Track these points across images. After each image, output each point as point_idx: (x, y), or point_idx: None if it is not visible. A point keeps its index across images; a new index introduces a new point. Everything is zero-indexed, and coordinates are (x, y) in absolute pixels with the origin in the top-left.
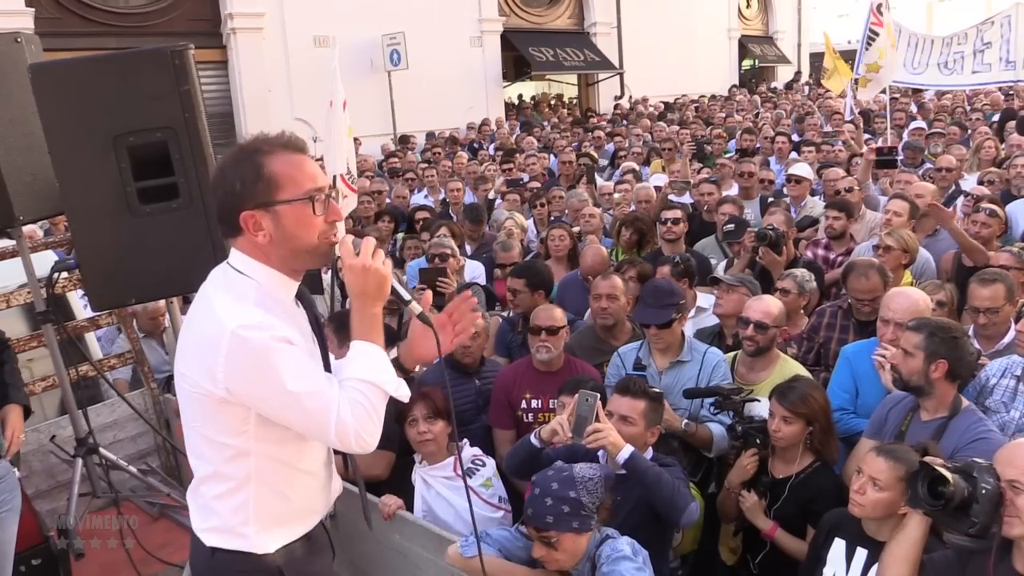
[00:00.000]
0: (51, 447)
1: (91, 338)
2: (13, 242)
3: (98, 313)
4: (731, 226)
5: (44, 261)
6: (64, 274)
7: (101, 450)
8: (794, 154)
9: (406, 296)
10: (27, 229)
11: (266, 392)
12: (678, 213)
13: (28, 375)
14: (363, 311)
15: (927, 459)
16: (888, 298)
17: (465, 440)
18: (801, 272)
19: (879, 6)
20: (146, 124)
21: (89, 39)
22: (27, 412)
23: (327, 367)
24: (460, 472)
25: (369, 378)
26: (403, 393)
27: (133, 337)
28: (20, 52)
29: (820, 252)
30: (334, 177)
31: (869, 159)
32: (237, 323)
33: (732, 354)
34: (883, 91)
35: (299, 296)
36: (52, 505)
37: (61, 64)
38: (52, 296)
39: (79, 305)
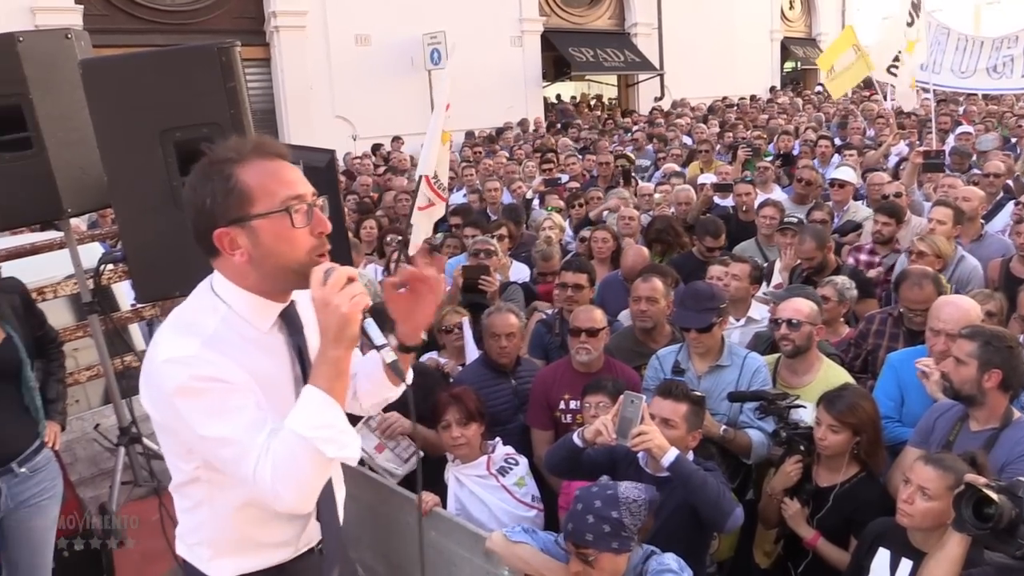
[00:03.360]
0: (95, 435)
1: (135, 329)
2: (61, 234)
3: (141, 305)
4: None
5: (91, 253)
6: (110, 266)
7: (144, 440)
8: (836, 158)
9: (378, 341)
10: (73, 222)
11: (182, 430)
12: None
13: (73, 364)
14: (323, 352)
15: (970, 479)
16: (937, 308)
17: (498, 439)
18: (841, 279)
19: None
20: (192, 120)
21: (136, 36)
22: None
23: None
24: (493, 471)
25: (302, 432)
26: (350, 456)
27: None
28: (70, 48)
29: (863, 257)
30: (420, 178)
31: (916, 162)
32: (164, 356)
33: (774, 356)
34: (927, 93)
35: (288, 320)
36: (95, 492)
37: (111, 60)
38: (99, 287)
39: (124, 296)
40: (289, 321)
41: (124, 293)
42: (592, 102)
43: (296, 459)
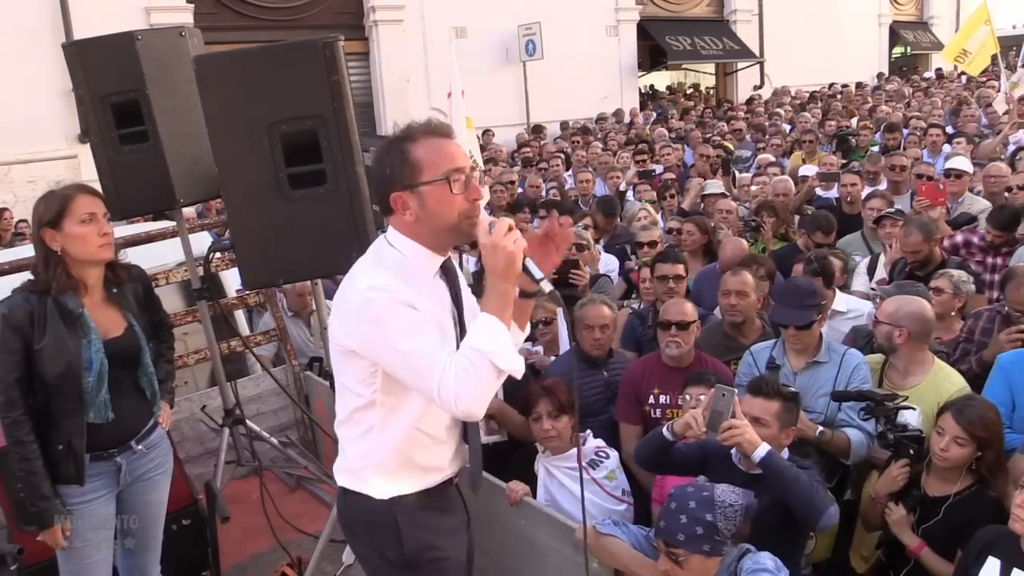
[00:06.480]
0: (201, 416)
1: (239, 315)
2: (173, 223)
3: (246, 292)
4: None
5: (201, 242)
6: (218, 254)
7: (247, 421)
8: (947, 147)
9: (536, 274)
10: (184, 211)
11: (380, 347)
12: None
13: (182, 348)
14: (492, 287)
15: None
16: None
17: (588, 431)
18: (958, 272)
19: None
20: (298, 112)
21: (241, 32)
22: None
23: (463, 336)
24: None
25: (480, 347)
26: (516, 368)
27: (278, 316)
28: (184, 45)
29: (975, 240)
30: None
31: None
32: (366, 284)
33: (880, 356)
34: None
35: (446, 271)
36: (201, 470)
37: (223, 56)
38: (208, 274)
39: (231, 283)
40: (448, 272)
41: (231, 280)
42: (689, 91)
43: (476, 370)
